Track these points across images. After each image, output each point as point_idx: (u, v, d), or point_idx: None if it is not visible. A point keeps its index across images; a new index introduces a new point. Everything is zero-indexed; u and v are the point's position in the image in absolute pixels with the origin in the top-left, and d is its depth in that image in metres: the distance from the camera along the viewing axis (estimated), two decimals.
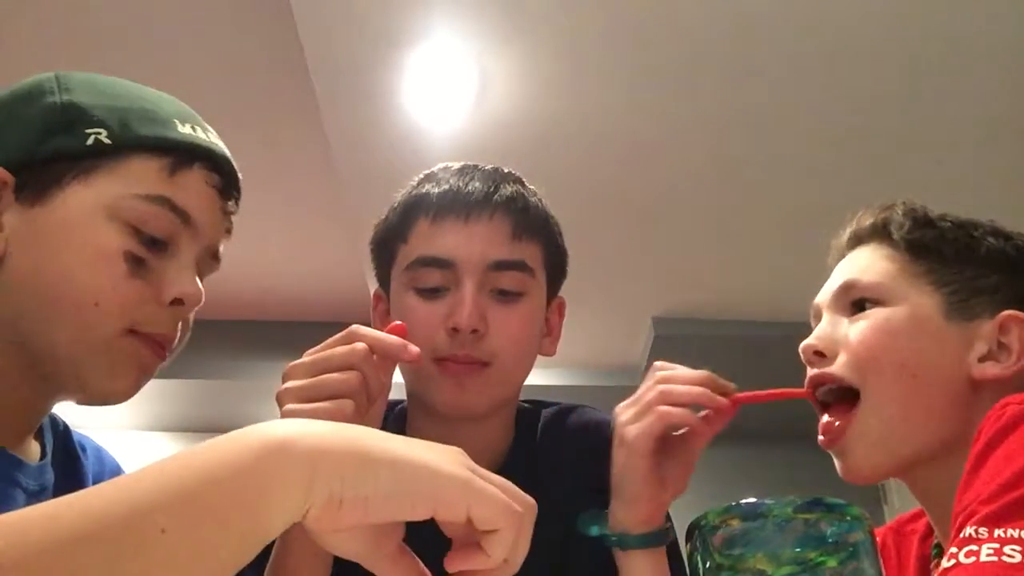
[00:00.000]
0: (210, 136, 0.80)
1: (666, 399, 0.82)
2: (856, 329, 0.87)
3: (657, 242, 3.34)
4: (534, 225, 0.96)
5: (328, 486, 0.45)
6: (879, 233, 0.92)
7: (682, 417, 0.82)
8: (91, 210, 0.73)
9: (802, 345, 0.90)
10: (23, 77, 0.79)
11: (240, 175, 0.83)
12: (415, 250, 0.93)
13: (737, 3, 2.32)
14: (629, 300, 3.68)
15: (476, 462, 1.09)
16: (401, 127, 2.73)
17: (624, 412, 0.85)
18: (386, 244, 0.98)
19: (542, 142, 2.77)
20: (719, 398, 0.82)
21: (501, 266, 0.92)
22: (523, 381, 0.98)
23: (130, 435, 4.08)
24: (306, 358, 0.76)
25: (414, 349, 0.77)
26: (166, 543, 0.42)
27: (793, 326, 1.06)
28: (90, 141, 0.73)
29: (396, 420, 1.00)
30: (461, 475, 0.48)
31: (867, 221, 0.93)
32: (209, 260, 0.82)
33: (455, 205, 0.93)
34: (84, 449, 0.88)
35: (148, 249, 0.74)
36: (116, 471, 0.91)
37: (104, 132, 0.74)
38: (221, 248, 0.83)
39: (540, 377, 1.04)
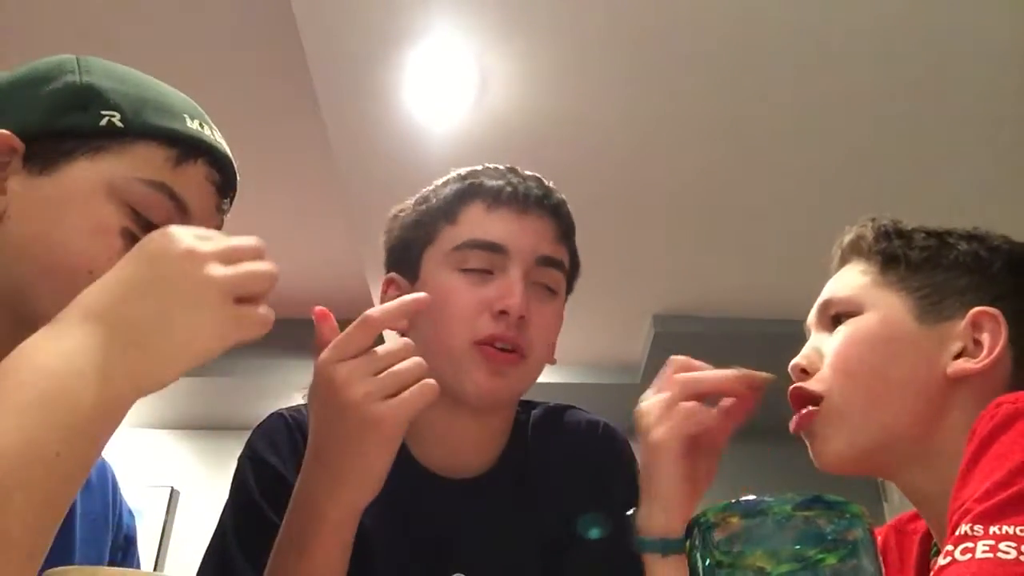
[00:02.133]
0: (215, 135, 0.83)
1: (687, 390, 0.82)
2: (832, 342, 0.89)
3: (657, 241, 3.35)
4: (570, 233, 1.01)
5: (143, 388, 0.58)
6: (855, 250, 0.94)
7: (707, 418, 0.82)
8: (94, 185, 0.74)
9: (790, 365, 0.92)
10: None
11: (239, 176, 0.85)
12: (466, 233, 0.94)
13: (738, 3, 2.32)
14: (629, 298, 3.68)
15: (472, 460, 1.07)
16: (401, 125, 2.73)
17: (648, 413, 0.84)
18: (426, 224, 0.98)
19: (542, 140, 2.77)
20: (756, 378, 0.83)
21: (546, 262, 0.96)
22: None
23: (131, 432, 4.08)
24: (358, 360, 0.74)
25: (422, 296, 0.79)
26: (62, 466, 0.50)
27: (793, 323, 1.06)
28: (103, 122, 0.75)
29: None
30: (222, 334, 0.62)
31: (846, 241, 0.96)
32: None
33: (514, 197, 0.96)
34: None
35: (145, 232, 0.74)
36: (102, 470, 0.92)
37: (118, 116, 0.76)
38: None
39: (541, 375, 1.04)
